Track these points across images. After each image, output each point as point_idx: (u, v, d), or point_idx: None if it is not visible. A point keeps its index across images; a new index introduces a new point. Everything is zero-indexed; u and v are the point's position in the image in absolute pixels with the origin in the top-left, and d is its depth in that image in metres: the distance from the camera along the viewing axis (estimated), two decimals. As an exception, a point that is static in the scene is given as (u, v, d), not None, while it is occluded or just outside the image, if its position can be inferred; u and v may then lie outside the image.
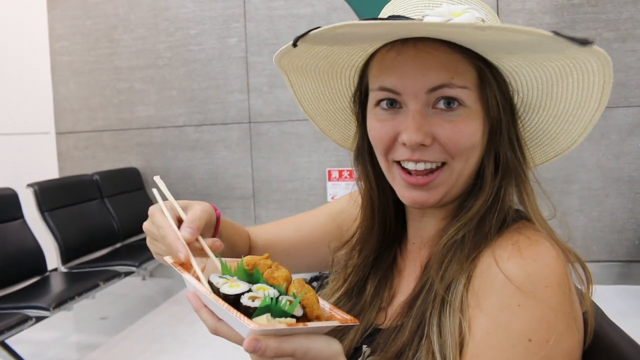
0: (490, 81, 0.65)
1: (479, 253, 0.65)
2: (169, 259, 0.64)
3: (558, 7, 3.70)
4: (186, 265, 0.63)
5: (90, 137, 4.67)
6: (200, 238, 0.66)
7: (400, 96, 0.65)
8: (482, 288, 0.62)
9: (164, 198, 0.71)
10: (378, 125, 0.68)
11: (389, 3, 0.72)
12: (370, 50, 0.70)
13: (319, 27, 0.58)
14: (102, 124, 4.64)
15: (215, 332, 0.55)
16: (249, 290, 0.54)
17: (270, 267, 0.60)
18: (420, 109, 0.65)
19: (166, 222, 0.66)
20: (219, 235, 0.76)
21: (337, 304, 0.77)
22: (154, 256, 0.73)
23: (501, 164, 0.68)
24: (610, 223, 3.76)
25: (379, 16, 0.72)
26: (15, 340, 2.68)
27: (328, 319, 0.55)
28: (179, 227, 0.66)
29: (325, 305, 0.57)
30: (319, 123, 0.86)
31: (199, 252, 0.65)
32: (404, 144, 0.65)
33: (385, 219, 0.79)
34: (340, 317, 0.55)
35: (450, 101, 0.64)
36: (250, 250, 0.90)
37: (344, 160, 4.11)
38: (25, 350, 2.86)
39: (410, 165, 0.67)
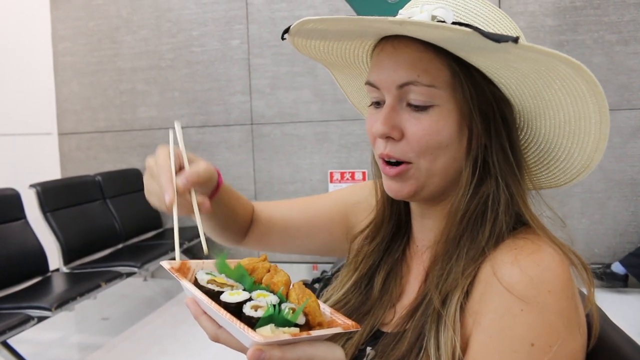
0: (463, 81, 0.64)
1: (476, 266, 0.65)
2: (166, 264, 0.64)
3: (560, 10, 3.70)
4: (183, 272, 0.63)
5: (92, 138, 4.68)
6: (192, 192, 0.68)
7: (380, 91, 0.68)
8: (485, 294, 0.62)
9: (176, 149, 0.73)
10: (368, 120, 0.72)
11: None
12: (367, 47, 0.73)
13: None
14: (104, 125, 4.64)
15: (216, 340, 0.55)
16: (250, 299, 0.54)
17: (269, 271, 0.59)
18: (392, 103, 0.67)
19: (167, 162, 0.68)
20: (218, 199, 0.78)
21: (346, 297, 0.78)
22: (145, 193, 0.74)
23: (478, 168, 0.67)
24: (613, 226, 3.75)
25: None
26: (17, 340, 2.69)
27: (329, 324, 0.55)
28: (178, 174, 0.68)
29: (325, 310, 0.57)
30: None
31: (187, 207, 0.68)
32: (377, 137, 0.68)
33: (398, 212, 0.81)
34: (343, 323, 0.54)
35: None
36: (251, 222, 0.92)
37: (346, 162, 4.11)
38: (26, 351, 2.86)
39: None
